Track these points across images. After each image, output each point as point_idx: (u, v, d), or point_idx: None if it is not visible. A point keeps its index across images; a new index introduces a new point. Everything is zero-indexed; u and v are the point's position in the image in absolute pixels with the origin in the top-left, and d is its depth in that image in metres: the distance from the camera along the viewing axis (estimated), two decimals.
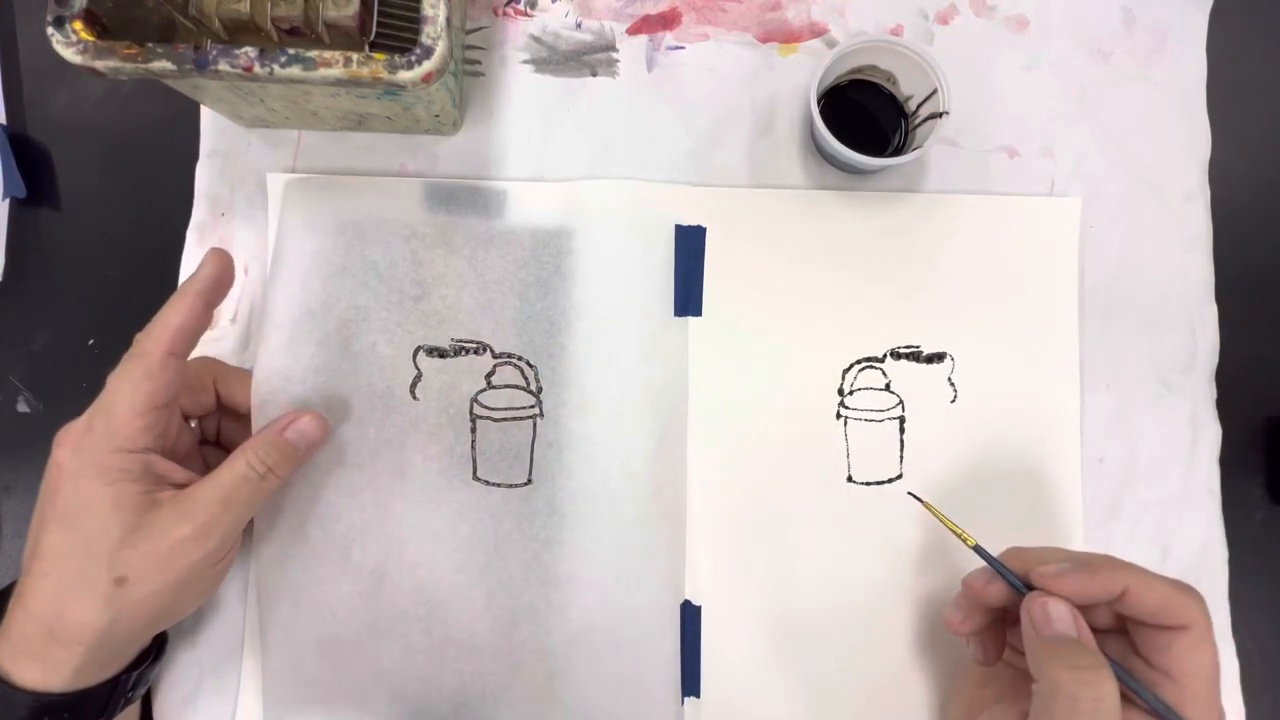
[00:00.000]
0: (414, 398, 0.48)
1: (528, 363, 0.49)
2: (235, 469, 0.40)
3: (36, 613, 0.38)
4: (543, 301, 0.49)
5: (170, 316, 0.40)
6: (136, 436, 0.39)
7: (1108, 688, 0.34)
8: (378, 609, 0.47)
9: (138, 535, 0.38)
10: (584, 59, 0.52)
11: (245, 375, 0.46)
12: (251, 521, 0.46)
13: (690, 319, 0.50)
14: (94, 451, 0.38)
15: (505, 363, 0.49)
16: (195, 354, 0.48)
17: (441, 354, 0.49)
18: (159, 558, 0.38)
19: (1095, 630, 0.37)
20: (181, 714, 0.47)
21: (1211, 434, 0.51)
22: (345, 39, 0.43)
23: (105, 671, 0.40)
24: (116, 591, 0.38)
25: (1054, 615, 0.37)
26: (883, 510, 0.49)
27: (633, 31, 0.52)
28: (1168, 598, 0.36)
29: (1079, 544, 0.49)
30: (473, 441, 0.48)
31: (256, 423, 0.45)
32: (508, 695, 0.47)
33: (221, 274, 0.41)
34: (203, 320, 0.41)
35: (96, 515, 0.38)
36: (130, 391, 0.39)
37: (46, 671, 0.38)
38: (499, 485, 0.48)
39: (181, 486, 0.40)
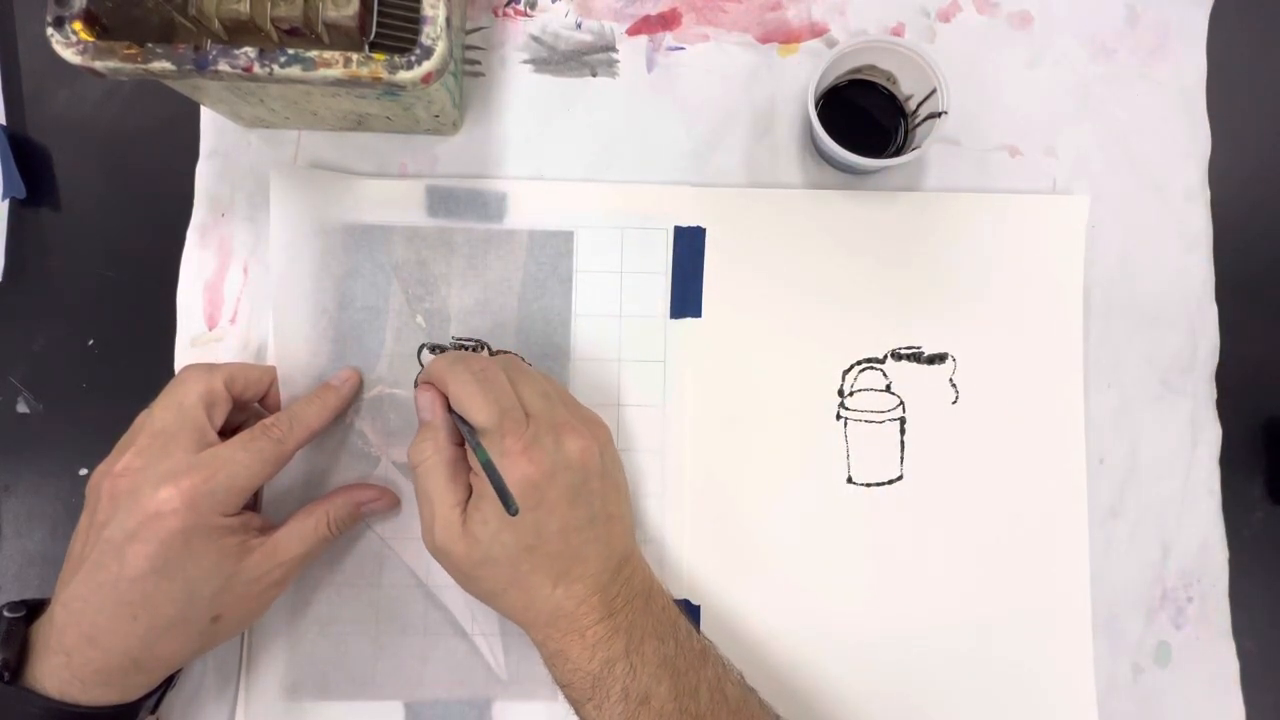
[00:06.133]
0: None
1: (520, 359, 0.49)
2: (318, 528, 0.44)
3: (121, 651, 0.39)
4: (539, 301, 0.50)
5: (313, 419, 0.45)
6: (244, 501, 0.42)
7: (427, 451, 0.42)
8: (378, 590, 0.48)
9: (234, 580, 0.41)
10: (584, 59, 0.52)
11: (268, 371, 0.48)
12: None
13: (690, 320, 0.50)
14: (209, 513, 0.40)
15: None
16: (195, 358, 0.49)
17: (443, 351, 0.49)
18: (250, 598, 0.42)
19: None
20: (183, 713, 0.47)
21: (1211, 434, 0.51)
22: (345, 39, 0.43)
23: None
24: (210, 627, 0.41)
25: (418, 404, 0.45)
26: (883, 511, 0.49)
27: (633, 32, 0.52)
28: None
29: (1082, 545, 0.49)
30: None
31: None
32: (502, 676, 0.48)
33: (357, 391, 0.48)
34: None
35: (202, 567, 0.40)
36: (257, 469, 0.41)
37: (123, 693, 0.40)
38: None
39: (260, 528, 0.43)
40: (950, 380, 0.50)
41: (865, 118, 0.50)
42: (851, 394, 0.50)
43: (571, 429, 0.43)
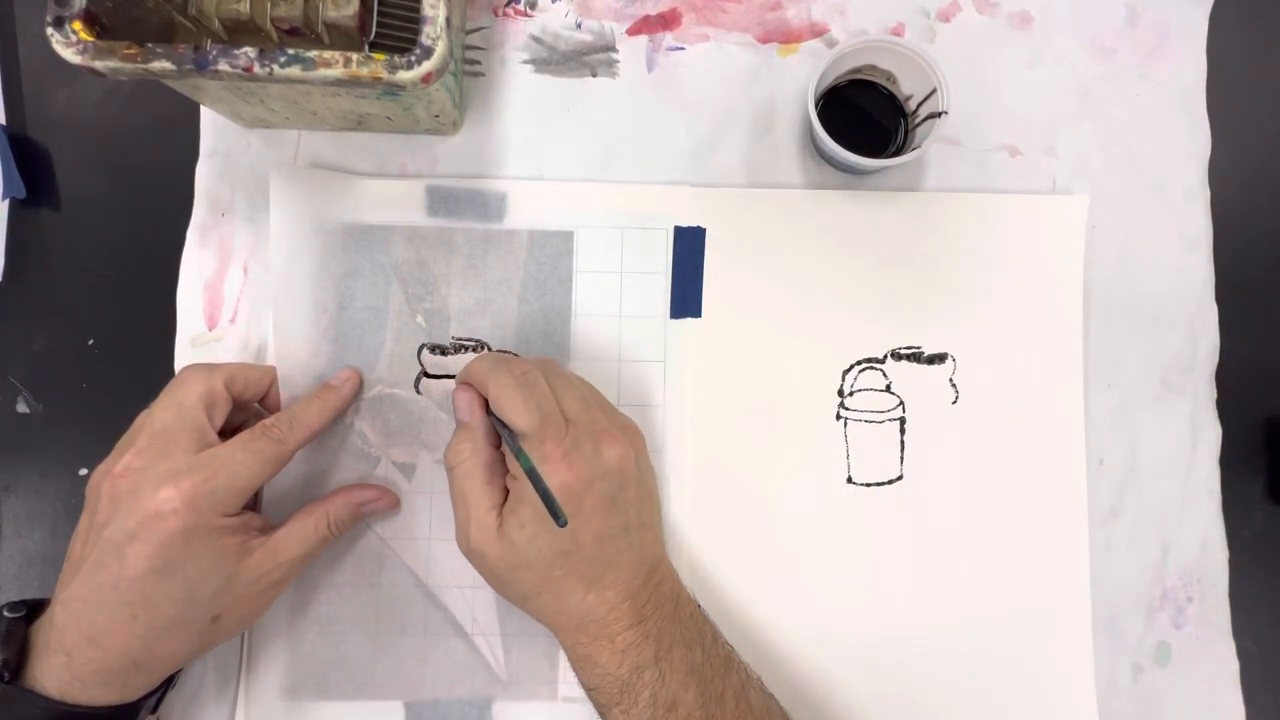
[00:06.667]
0: (418, 392, 0.49)
1: None
2: (318, 529, 0.44)
3: (122, 651, 0.39)
4: (539, 301, 0.50)
5: (313, 420, 0.45)
6: (244, 502, 0.42)
7: (465, 452, 0.43)
8: (378, 590, 0.48)
9: (234, 580, 0.41)
10: (584, 59, 0.52)
11: (268, 371, 0.47)
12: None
13: (690, 320, 0.50)
14: (209, 514, 0.40)
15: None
16: (195, 358, 0.49)
17: (443, 351, 0.49)
18: (251, 599, 0.42)
19: None
20: (183, 713, 0.47)
21: (1211, 434, 0.51)
22: (345, 39, 0.43)
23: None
24: (210, 627, 0.41)
25: (456, 404, 0.44)
26: (883, 511, 0.49)
27: (633, 32, 0.52)
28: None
29: (1082, 545, 0.49)
30: None
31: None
32: (502, 676, 0.48)
33: (357, 391, 0.48)
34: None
35: (202, 568, 0.40)
36: (257, 469, 0.41)
37: (124, 693, 0.40)
38: None
39: (260, 528, 0.43)
40: (950, 380, 0.50)
41: (865, 118, 0.50)
42: (851, 394, 0.50)
43: (610, 436, 0.43)
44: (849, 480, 0.50)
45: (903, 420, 0.50)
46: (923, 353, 0.50)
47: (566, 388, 0.44)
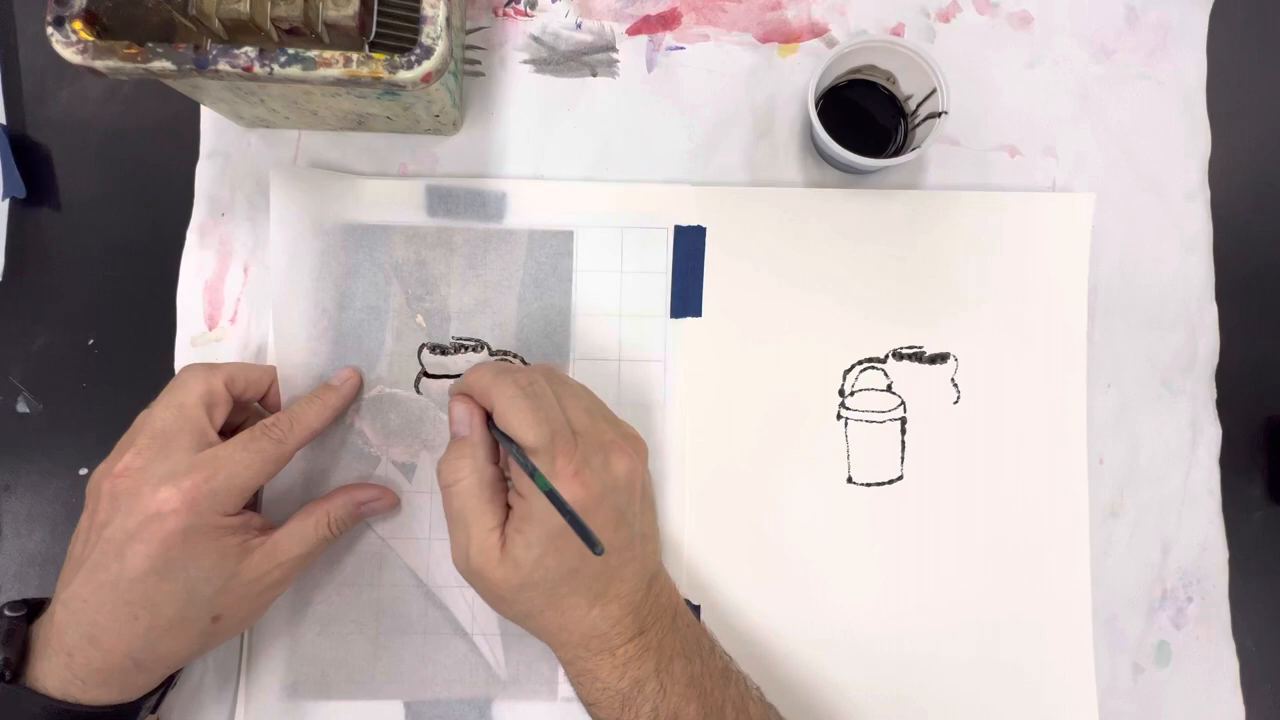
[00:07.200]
0: (418, 392, 0.49)
1: (522, 360, 0.49)
2: (318, 529, 0.44)
3: (123, 651, 0.39)
4: (539, 301, 0.50)
5: (313, 419, 0.44)
6: (244, 501, 0.42)
7: (463, 470, 0.41)
8: (378, 590, 0.48)
9: (234, 580, 0.41)
10: (584, 59, 0.52)
11: (268, 371, 0.47)
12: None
13: (690, 319, 0.50)
14: (208, 513, 0.40)
15: (500, 360, 0.49)
16: (195, 358, 0.49)
17: (443, 351, 0.49)
18: (251, 598, 0.42)
19: None
20: (183, 713, 0.47)
21: (1211, 434, 0.51)
22: (345, 39, 0.43)
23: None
24: (211, 627, 0.41)
25: (454, 416, 0.43)
26: (883, 512, 0.49)
27: (633, 32, 0.52)
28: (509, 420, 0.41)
29: (1082, 545, 0.49)
30: None
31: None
32: (502, 676, 0.48)
33: (357, 391, 0.48)
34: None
35: (203, 567, 0.40)
36: (257, 469, 0.41)
37: (124, 693, 0.40)
38: None
39: (260, 528, 0.43)
40: (952, 380, 0.50)
41: (865, 118, 0.50)
42: (852, 394, 0.50)
43: (618, 449, 0.42)
44: (849, 480, 0.50)
45: (904, 420, 0.50)
46: (924, 352, 0.50)
47: (572, 397, 0.43)
